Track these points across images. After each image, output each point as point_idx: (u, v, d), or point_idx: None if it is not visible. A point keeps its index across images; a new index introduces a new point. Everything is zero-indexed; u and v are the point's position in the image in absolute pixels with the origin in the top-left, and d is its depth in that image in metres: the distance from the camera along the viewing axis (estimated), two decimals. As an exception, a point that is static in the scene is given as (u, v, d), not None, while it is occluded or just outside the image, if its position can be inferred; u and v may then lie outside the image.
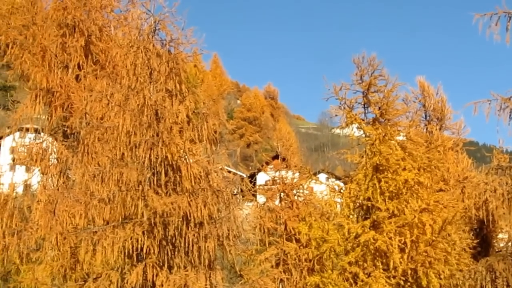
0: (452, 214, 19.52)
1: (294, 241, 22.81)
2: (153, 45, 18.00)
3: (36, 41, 23.35)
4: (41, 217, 21.16)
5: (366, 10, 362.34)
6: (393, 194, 19.34)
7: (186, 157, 17.40)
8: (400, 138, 20.46)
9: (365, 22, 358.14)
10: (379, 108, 20.31)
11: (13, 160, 24.76)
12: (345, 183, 20.94)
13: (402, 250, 18.67)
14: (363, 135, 20.51)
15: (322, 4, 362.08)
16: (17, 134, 23.98)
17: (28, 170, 24.91)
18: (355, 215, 20.40)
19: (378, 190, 19.33)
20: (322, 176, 37.48)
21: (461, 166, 27.32)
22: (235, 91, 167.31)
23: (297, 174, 24.55)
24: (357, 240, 19.08)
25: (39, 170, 23.51)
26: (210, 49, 18.95)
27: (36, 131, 24.40)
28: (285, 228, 23.07)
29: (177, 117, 17.49)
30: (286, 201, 23.79)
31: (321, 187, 21.94)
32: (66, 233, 18.86)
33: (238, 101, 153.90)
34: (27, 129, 23.98)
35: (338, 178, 25.92)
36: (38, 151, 23.31)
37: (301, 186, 23.98)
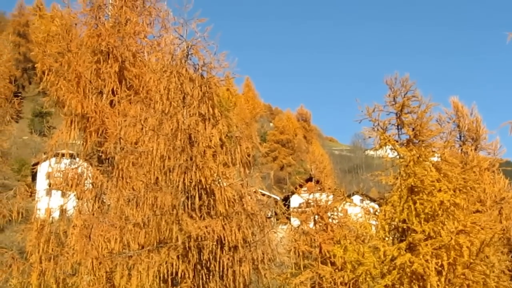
0: (489, 235, 19.21)
1: (329, 264, 22.61)
2: (186, 70, 18.12)
3: (71, 67, 23.63)
4: (77, 242, 21.27)
5: (399, 32, 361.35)
6: (429, 216, 19.11)
7: (219, 180, 17.43)
8: (435, 159, 20.25)
9: (397, 43, 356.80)
10: (413, 129, 20.14)
11: (49, 186, 24.97)
12: (379, 205, 20.75)
13: (439, 273, 18.39)
14: (397, 157, 20.35)
15: (354, 27, 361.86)
16: (53, 159, 24.21)
17: (64, 195, 25.09)
18: (391, 238, 20.17)
19: (414, 212, 19.12)
20: (357, 198, 37.24)
21: (497, 187, 26.97)
22: (268, 114, 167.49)
23: (331, 197, 24.41)
24: (393, 262, 18.86)
25: (74, 195, 23.66)
26: (242, 72, 19.12)
27: (71, 156, 24.61)
28: (320, 251, 22.89)
29: (211, 140, 17.55)
30: (321, 224, 23.63)
31: (356, 209, 21.76)
32: (101, 257, 18.91)
33: (271, 124, 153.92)
34: (63, 155, 24.18)
35: (372, 200, 25.78)
36: (74, 176, 23.49)
37: (335, 209, 23.82)
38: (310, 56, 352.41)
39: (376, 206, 21.10)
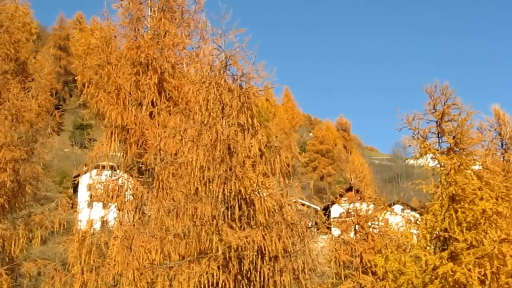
0: (534, 244, 18.91)
1: (370, 274, 22.46)
2: (225, 80, 18.13)
3: (110, 80, 23.83)
4: (118, 253, 21.39)
5: (438, 41, 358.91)
6: (471, 225, 18.86)
7: (259, 190, 17.37)
8: (476, 167, 20.00)
9: (436, 52, 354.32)
10: (454, 137, 19.92)
11: (90, 197, 25.16)
12: (420, 214, 20.55)
13: (482, 282, 18.12)
14: (438, 165, 20.13)
15: (393, 38, 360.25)
16: (94, 171, 24.41)
17: (105, 206, 25.28)
18: (432, 247, 19.94)
19: (455, 221, 18.89)
20: (397, 208, 36.96)
21: (541, 195, 26.47)
22: (307, 124, 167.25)
23: (371, 206, 24.26)
24: (435, 272, 18.63)
25: (115, 206, 23.82)
26: (281, 83, 19.06)
27: (112, 168, 24.79)
28: (361, 261, 22.78)
29: (250, 151, 17.52)
30: (361, 233, 23.52)
31: (396, 219, 21.58)
32: (142, 268, 18.98)
33: (310, 134, 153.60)
34: (103, 167, 24.36)
35: (413, 210, 25.49)
36: (114, 187, 23.66)
37: (376, 218, 23.67)
38: (349, 66, 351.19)
39: (417, 216, 20.90)
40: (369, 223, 23.68)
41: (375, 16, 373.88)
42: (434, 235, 19.71)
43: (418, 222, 20.12)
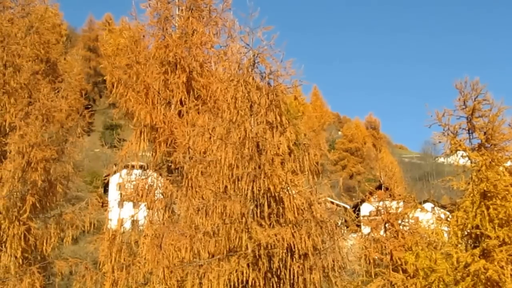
0: None
1: (400, 272, 22.31)
2: (253, 78, 18.12)
3: (139, 79, 23.94)
4: (148, 251, 21.48)
5: (468, 38, 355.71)
6: (503, 221, 18.65)
7: (288, 188, 17.34)
8: (509, 163, 19.78)
9: (466, 49, 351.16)
10: (485, 133, 19.71)
11: (121, 196, 25.30)
12: (451, 212, 20.37)
13: (515, 279, 17.94)
14: (469, 162, 19.94)
15: (422, 36, 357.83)
16: (124, 171, 24.53)
17: (135, 205, 25.40)
18: (464, 244, 19.76)
19: (487, 218, 18.70)
20: (428, 206, 36.65)
21: None
22: (336, 123, 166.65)
23: (401, 204, 24.10)
24: (466, 269, 18.46)
25: (145, 205, 23.92)
26: (309, 81, 18.89)
27: (141, 167, 24.89)
28: (391, 259, 22.62)
29: (279, 148, 17.50)
30: (391, 231, 23.36)
31: (426, 216, 21.41)
32: (172, 266, 19.07)
33: (339, 132, 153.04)
34: (133, 166, 24.48)
35: (443, 207, 25.24)
36: (144, 186, 23.75)
37: (406, 216, 23.50)
38: (378, 65, 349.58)
39: (448, 213, 20.72)
40: (399, 221, 23.51)
41: (404, 14, 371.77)
42: (466, 232, 19.54)
43: (449, 219, 19.96)
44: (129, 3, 25.06)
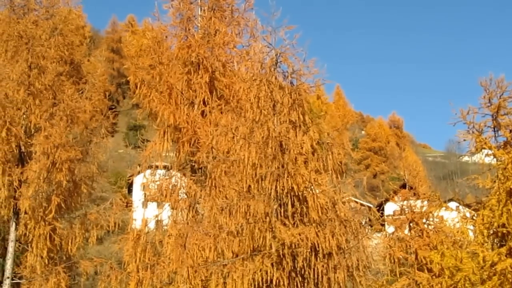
0: None
1: (426, 271, 22.16)
2: (276, 78, 18.09)
3: (162, 79, 24.00)
4: (173, 251, 21.54)
5: (491, 37, 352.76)
6: (531, 220, 18.48)
7: (312, 187, 17.29)
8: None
9: (490, 47, 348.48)
10: (510, 131, 19.51)
11: (145, 197, 25.40)
12: (476, 210, 20.19)
13: (543, 279, 17.74)
14: (494, 160, 19.76)
15: (443, 35, 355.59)
16: (148, 171, 24.62)
17: (159, 205, 25.50)
18: (490, 243, 19.58)
19: (514, 216, 18.53)
20: (452, 205, 36.40)
21: None
22: (359, 122, 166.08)
23: (425, 203, 23.94)
24: (493, 268, 18.27)
25: (169, 205, 23.99)
26: (332, 80, 18.88)
27: (165, 167, 24.97)
28: (416, 258, 22.49)
29: (302, 147, 17.46)
30: (416, 230, 23.22)
31: (451, 215, 21.25)
32: (196, 266, 19.09)
33: (363, 132, 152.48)
34: (157, 166, 24.56)
35: (468, 206, 25.06)
36: (168, 186, 23.81)
37: (430, 214, 23.35)
38: (400, 64, 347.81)
39: (473, 212, 20.55)
40: (424, 220, 23.37)
41: (428, 15, 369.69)
42: (492, 231, 19.34)
43: (474, 218, 19.79)
44: (152, 4, 25.15)
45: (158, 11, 25.04)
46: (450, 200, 45.05)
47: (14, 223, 25.91)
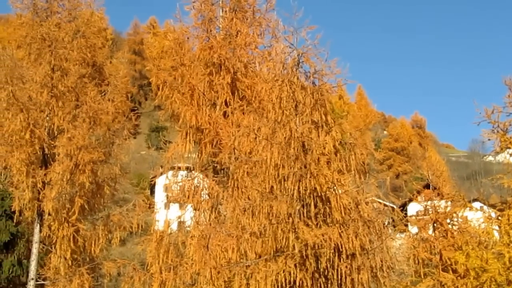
0: None
1: (450, 272, 21.99)
2: (298, 78, 18.01)
3: (184, 81, 24.01)
4: (195, 252, 21.53)
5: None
6: (556, 220, 18.29)
7: (335, 188, 17.20)
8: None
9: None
10: (535, 130, 19.35)
11: (167, 198, 25.44)
12: (501, 210, 20.00)
13: None
14: (519, 159, 19.56)
15: (465, 36, 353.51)
16: (170, 172, 24.66)
17: (181, 206, 25.52)
18: (516, 243, 19.38)
19: (540, 216, 18.35)
20: (476, 205, 36.13)
21: None
22: (381, 122, 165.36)
23: (449, 203, 23.76)
24: (519, 269, 18.13)
25: (191, 206, 24.01)
26: (354, 80, 18.71)
27: (187, 169, 25.00)
28: (441, 258, 22.31)
29: (324, 148, 17.37)
30: (440, 231, 23.03)
31: (476, 215, 21.07)
32: (219, 267, 19.06)
33: (385, 132, 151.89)
34: (179, 167, 24.59)
35: (493, 207, 24.84)
36: (190, 187, 23.83)
37: (455, 215, 23.16)
38: (422, 63, 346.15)
39: (498, 212, 20.37)
40: (448, 220, 23.18)
41: (449, 14, 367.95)
42: (518, 231, 19.17)
43: (499, 218, 19.61)
44: (174, 6, 25.26)
45: (180, 13, 25.08)
46: (475, 200, 44.78)
47: (38, 225, 26.08)
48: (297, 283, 16.41)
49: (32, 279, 25.71)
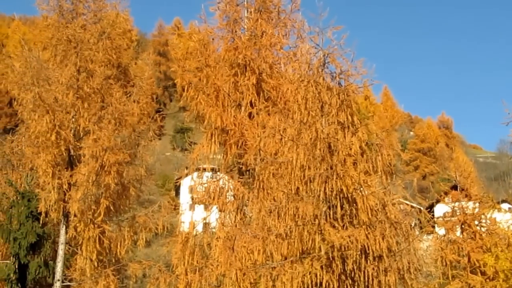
0: None
1: (479, 274, 21.72)
2: (323, 79, 17.91)
3: (209, 82, 24.00)
4: (221, 253, 21.50)
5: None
6: None
7: (361, 189, 17.07)
8: None
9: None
10: None
11: (192, 199, 25.44)
12: (529, 212, 19.76)
13: None
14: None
15: (492, 37, 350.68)
16: (195, 173, 24.64)
17: (206, 208, 25.50)
18: (546, 245, 19.14)
19: None
20: (505, 206, 35.80)
21: None
22: (408, 123, 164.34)
23: (477, 204, 23.50)
24: (550, 271, 17.88)
25: (217, 207, 23.98)
26: (380, 81, 18.50)
27: (212, 170, 24.97)
28: (469, 260, 22.05)
29: (350, 149, 17.27)
30: (468, 232, 22.77)
31: (504, 217, 20.83)
32: (245, 269, 19.01)
33: (411, 133, 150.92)
34: (204, 169, 24.57)
35: (521, 208, 24.55)
36: (216, 189, 23.81)
37: (483, 216, 22.89)
38: (449, 64, 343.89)
39: (528, 214, 20.11)
40: (476, 222, 22.91)
41: (473, 16, 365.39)
42: (548, 233, 18.92)
43: (529, 219, 19.38)
44: (198, 7, 25.16)
45: (204, 14, 25.10)
46: (503, 201, 44.38)
47: (64, 226, 26.18)
48: (324, 285, 16.32)
49: (58, 280, 25.79)
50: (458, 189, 25.58)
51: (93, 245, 25.38)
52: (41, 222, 25.99)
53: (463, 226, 23.00)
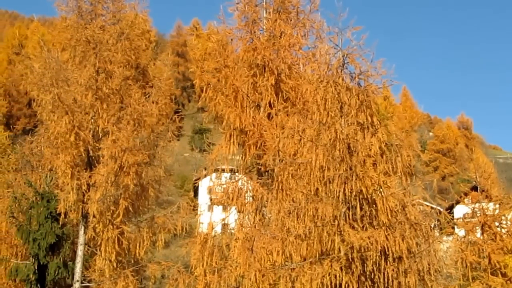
0: None
1: (500, 276, 21.58)
2: (342, 79, 17.84)
3: (228, 82, 23.99)
4: (240, 254, 21.48)
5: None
6: None
7: (381, 190, 16.99)
8: None
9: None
10: None
11: (211, 200, 25.45)
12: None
13: None
14: None
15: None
16: (214, 174, 24.64)
17: (225, 209, 25.50)
18: None
19: None
20: (525, 207, 35.49)
21: None
22: (427, 123, 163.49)
23: (497, 205, 23.33)
24: None
25: (235, 208, 23.96)
26: (399, 81, 18.33)
27: (231, 171, 24.97)
28: (489, 262, 21.89)
29: (370, 149, 17.17)
30: (489, 233, 22.61)
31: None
32: (264, 270, 18.97)
33: (430, 133, 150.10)
34: (223, 170, 24.57)
35: (542, 209, 24.34)
36: (234, 190, 23.78)
37: (504, 217, 22.72)
38: (468, 65, 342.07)
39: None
40: (497, 223, 22.74)
41: (492, 16, 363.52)
42: None
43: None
44: (217, 7, 25.19)
45: (223, 14, 25.07)
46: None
47: (83, 227, 26.27)
48: (343, 286, 16.25)
49: (77, 281, 25.89)
50: (478, 190, 25.41)
51: (112, 246, 25.46)
52: (60, 222, 26.12)
53: (483, 228, 22.85)
